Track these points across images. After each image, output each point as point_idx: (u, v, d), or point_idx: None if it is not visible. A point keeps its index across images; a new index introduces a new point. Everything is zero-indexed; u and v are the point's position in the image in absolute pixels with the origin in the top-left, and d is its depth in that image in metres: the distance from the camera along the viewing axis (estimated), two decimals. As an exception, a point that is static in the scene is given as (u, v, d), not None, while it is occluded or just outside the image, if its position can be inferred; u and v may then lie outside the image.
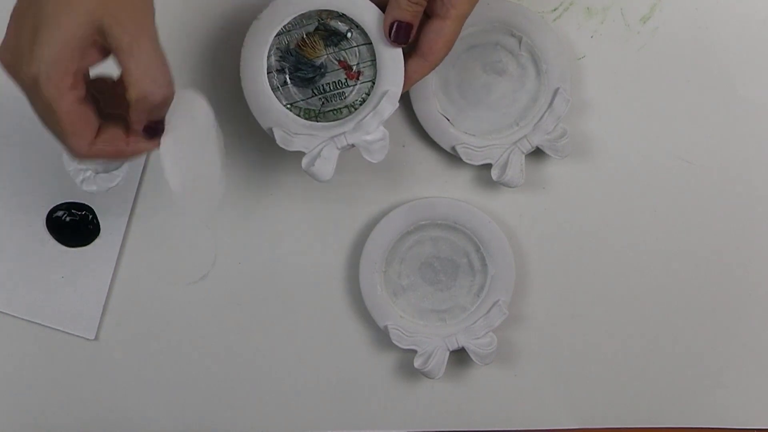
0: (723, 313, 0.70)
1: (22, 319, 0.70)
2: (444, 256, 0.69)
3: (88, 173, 0.69)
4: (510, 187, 0.67)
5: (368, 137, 0.63)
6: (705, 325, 0.70)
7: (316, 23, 0.64)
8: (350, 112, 0.65)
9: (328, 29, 0.64)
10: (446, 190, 0.69)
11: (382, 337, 0.70)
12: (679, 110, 0.69)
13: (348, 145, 0.63)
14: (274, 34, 0.64)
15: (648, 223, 0.70)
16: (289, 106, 0.65)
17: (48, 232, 0.69)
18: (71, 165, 0.69)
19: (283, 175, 0.69)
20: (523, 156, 0.67)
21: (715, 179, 0.70)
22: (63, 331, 0.70)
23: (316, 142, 0.63)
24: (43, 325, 0.70)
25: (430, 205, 0.68)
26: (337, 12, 0.64)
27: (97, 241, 0.69)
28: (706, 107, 0.69)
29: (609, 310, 0.70)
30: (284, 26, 0.64)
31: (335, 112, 0.65)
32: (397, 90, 0.64)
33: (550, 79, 0.67)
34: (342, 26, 0.64)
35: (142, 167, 0.69)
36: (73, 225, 0.69)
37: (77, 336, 0.70)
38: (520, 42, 0.67)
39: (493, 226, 0.68)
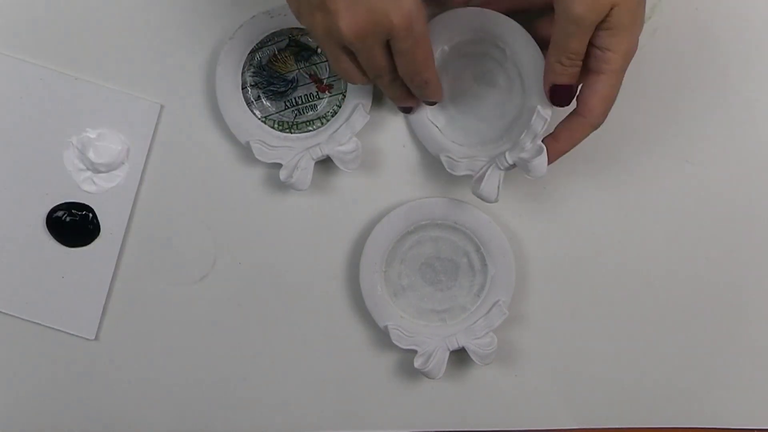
0: (723, 314, 0.70)
1: (22, 319, 0.70)
2: (444, 256, 0.69)
3: (88, 173, 0.69)
4: (485, 201, 0.64)
5: (342, 148, 0.66)
6: (705, 325, 0.70)
7: (288, 39, 0.67)
8: (322, 124, 0.68)
9: (299, 45, 0.67)
10: (446, 191, 0.69)
11: (382, 337, 0.70)
12: (679, 110, 0.69)
13: (323, 155, 0.66)
14: (248, 51, 0.67)
15: (648, 223, 0.70)
16: (263, 119, 0.68)
17: (48, 232, 0.69)
18: (71, 165, 0.69)
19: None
20: (501, 172, 0.63)
21: (716, 179, 0.70)
22: (63, 331, 0.70)
23: (292, 154, 0.66)
24: (43, 325, 0.70)
25: (430, 205, 0.68)
26: None
27: (97, 241, 0.69)
28: (706, 107, 0.69)
29: (609, 310, 0.70)
30: (257, 43, 0.67)
31: (308, 123, 0.68)
32: (367, 102, 0.66)
33: (531, 96, 0.63)
34: (312, 42, 0.67)
35: (142, 167, 0.69)
36: (73, 225, 0.69)
37: (77, 336, 0.70)
38: (505, 53, 0.64)
39: (493, 226, 0.68)
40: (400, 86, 0.61)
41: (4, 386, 0.70)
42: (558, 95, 0.59)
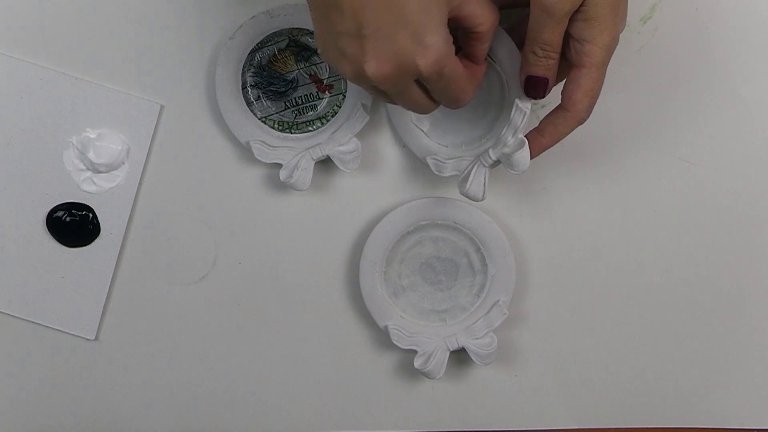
0: (723, 313, 0.70)
1: (22, 319, 0.70)
2: (444, 256, 0.69)
3: (88, 173, 0.69)
4: (473, 200, 0.63)
5: (342, 148, 0.66)
6: (705, 325, 0.70)
7: (287, 40, 0.67)
8: (323, 124, 0.68)
9: (299, 45, 0.67)
10: (446, 191, 0.69)
11: (382, 337, 0.70)
12: (679, 110, 0.69)
13: (323, 155, 0.66)
14: (248, 51, 0.67)
15: (648, 223, 0.70)
16: (263, 119, 0.68)
17: (48, 232, 0.69)
18: (71, 165, 0.69)
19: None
20: (486, 170, 0.63)
21: (715, 179, 0.70)
22: (63, 331, 0.70)
23: (292, 154, 0.66)
24: (43, 325, 0.70)
25: (430, 205, 0.68)
26: (307, 29, 0.66)
27: (97, 241, 0.69)
28: (706, 107, 0.69)
29: (609, 310, 0.70)
30: (257, 44, 0.67)
31: (308, 123, 0.68)
32: (367, 103, 0.66)
33: (511, 91, 0.63)
34: (312, 42, 0.67)
35: (142, 167, 0.69)
36: (73, 225, 0.69)
37: (77, 336, 0.70)
38: None
39: (493, 226, 0.68)
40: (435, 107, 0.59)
41: (4, 386, 0.70)
42: (532, 86, 0.59)
